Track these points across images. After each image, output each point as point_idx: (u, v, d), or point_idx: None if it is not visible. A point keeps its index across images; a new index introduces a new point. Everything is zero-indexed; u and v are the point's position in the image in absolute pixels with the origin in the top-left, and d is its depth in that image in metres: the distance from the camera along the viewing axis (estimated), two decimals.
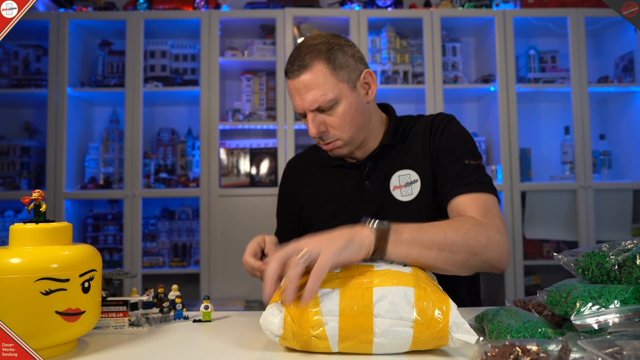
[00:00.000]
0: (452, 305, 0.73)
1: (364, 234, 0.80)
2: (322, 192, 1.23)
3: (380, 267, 0.79)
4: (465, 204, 1.02)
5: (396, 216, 1.02)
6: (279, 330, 0.73)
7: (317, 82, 1.05)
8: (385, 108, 1.24)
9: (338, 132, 1.09)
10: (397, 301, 0.71)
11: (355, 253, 0.77)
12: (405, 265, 0.82)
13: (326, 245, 0.75)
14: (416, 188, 1.12)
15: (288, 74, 1.08)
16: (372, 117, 1.16)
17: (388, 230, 0.81)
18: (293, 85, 1.07)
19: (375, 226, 0.81)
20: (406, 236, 0.83)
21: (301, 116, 1.12)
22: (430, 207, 1.12)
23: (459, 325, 0.71)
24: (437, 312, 0.71)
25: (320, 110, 1.07)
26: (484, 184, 1.05)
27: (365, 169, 1.17)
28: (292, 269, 0.73)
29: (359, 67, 1.10)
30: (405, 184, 1.13)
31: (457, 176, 1.07)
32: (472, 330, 0.71)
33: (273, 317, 0.74)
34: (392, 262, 0.82)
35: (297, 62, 1.06)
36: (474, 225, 0.93)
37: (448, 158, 1.11)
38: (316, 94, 1.05)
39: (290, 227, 1.29)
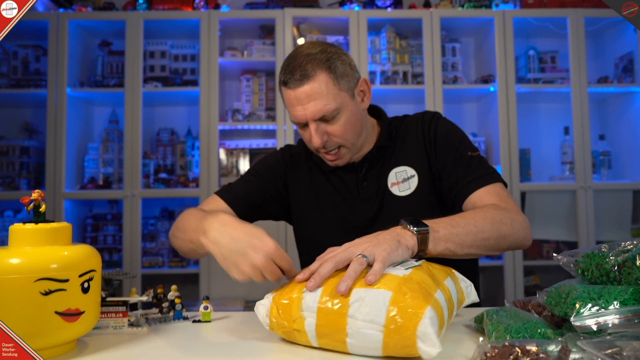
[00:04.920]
0: (428, 313, 0.68)
1: (407, 237, 0.85)
2: (318, 193, 1.22)
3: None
4: (482, 196, 1.07)
5: (397, 211, 1.07)
6: (264, 319, 0.81)
7: (320, 92, 1.04)
8: (376, 110, 1.25)
9: (341, 140, 1.10)
10: (372, 304, 0.70)
11: (403, 255, 0.83)
12: (418, 260, 0.84)
13: (378, 248, 0.80)
14: (414, 183, 1.16)
15: (288, 83, 1.06)
16: (367, 122, 1.18)
17: (428, 234, 0.87)
18: (294, 95, 1.06)
19: (415, 230, 0.86)
20: (443, 232, 0.90)
21: (299, 126, 1.11)
22: (428, 200, 1.15)
23: (426, 335, 0.66)
24: (407, 319, 0.67)
25: (322, 119, 1.07)
26: (493, 174, 1.10)
27: (362, 170, 1.18)
28: (355, 265, 0.76)
29: (356, 75, 1.12)
30: (402, 180, 1.16)
31: (467, 172, 1.10)
32: (438, 343, 0.66)
33: (262, 308, 0.81)
34: (400, 263, 0.82)
35: (299, 72, 1.04)
36: (497, 210, 1.00)
37: (451, 155, 1.13)
38: (320, 103, 1.05)
39: (251, 201, 1.21)
